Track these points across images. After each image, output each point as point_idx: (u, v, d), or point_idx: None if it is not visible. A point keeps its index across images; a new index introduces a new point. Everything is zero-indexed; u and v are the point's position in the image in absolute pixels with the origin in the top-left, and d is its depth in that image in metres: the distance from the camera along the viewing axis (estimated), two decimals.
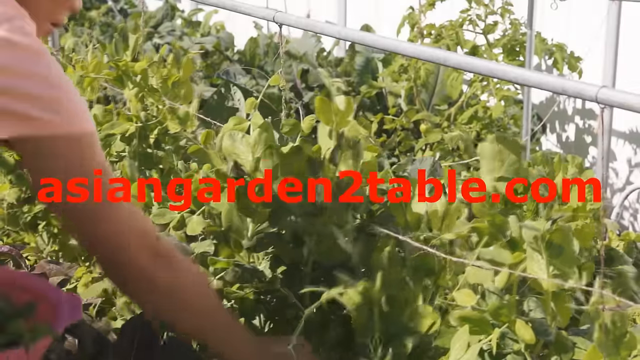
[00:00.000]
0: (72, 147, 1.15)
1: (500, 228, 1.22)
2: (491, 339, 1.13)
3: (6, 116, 1.09)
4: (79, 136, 1.15)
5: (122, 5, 6.41)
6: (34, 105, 1.10)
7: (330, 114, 1.47)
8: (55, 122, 1.12)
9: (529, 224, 1.15)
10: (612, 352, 1.05)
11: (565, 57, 3.71)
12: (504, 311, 1.14)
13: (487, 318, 1.15)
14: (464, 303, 1.16)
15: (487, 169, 1.32)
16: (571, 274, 1.11)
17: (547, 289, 1.14)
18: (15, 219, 2.07)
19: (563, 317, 1.17)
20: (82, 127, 1.16)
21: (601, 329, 1.05)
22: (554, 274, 1.12)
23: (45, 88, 1.11)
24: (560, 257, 1.12)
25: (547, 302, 1.16)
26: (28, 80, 1.10)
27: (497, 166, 1.31)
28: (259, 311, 1.50)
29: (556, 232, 1.12)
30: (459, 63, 1.77)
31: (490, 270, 1.20)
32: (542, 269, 1.13)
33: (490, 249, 1.21)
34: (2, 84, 1.08)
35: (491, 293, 1.16)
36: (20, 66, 1.09)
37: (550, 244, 1.12)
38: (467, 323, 1.15)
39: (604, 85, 1.32)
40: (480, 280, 1.20)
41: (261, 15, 2.75)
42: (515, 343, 1.16)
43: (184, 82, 1.96)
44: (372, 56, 4.47)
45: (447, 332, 1.20)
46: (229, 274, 1.46)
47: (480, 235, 1.25)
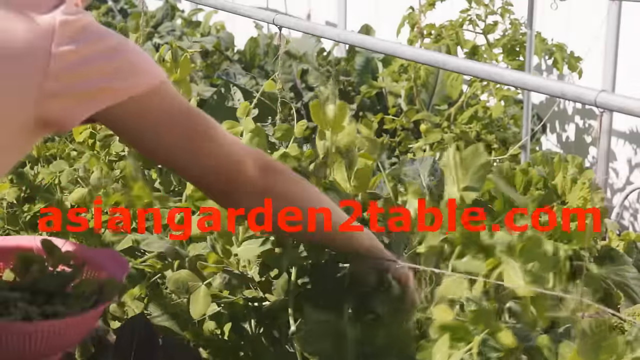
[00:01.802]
0: (157, 98, 1.18)
1: (471, 237, 1.21)
2: (472, 347, 1.12)
3: (91, 96, 1.11)
4: (159, 86, 1.18)
5: (122, 5, 6.41)
6: (114, 77, 1.12)
7: (324, 119, 1.47)
8: (136, 83, 1.14)
9: (500, 235, 1.14)
10: (593, 358, 1.05)
11: (565, 57, 3.70)
12: (484, 318, 1.13)
13: (467, 326, 1.14)
14: (441, 319, 1.15)
15: (451, 179, 1.31)
16: (547, 279, 1.11)
17: (525, 295, 1.13)
18: (15, 218, 2.07)
19: (543, 320, 1.16)
20: (158, 77, 1.18)
21: (581, 335, 1.04)
22: (530, 280, 1.11)
23: (118, 57, 1.12)
24: (535, 263, 1.11)
25: (527, 307, 1.15)
26: (101, 55, 1.11)
27: (462, 175, 1.30)
28: (249, 316, 1.50)
29: (527, 240, 1.12)
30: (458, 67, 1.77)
31: (465, 281, 1.18)
32: (518, 275, 1.12)
33: (463, 261, 1.20)
34: (82, 70, 1.09)
35: (470, 302, 1.15)
36: (89, 46, 1.10)
37: (523, 251, 1.12)
38: (447, 332, 1.14)
39: (603, 90, 1.32)
40: (456, 293, 1.19)
41: (261, 17, 2.75)
42: (495, 351, 1.15)
43: (182, 81, 1.96)
44: (372, 56, 4.47)
45: (427, 346, 1.18)
46: (217, 279, 1.46)
47: (453, 246, 1.24)
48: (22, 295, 1.35)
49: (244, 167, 1.25)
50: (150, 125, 1.19)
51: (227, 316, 1.49)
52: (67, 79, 1.09)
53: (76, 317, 1.32)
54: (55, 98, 1.09)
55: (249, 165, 1.25)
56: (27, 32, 1.07)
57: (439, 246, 1.27)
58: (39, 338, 1.28)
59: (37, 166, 2.13)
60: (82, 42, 1.09)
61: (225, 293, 1.48)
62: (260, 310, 1.47)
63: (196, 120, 1.23)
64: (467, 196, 1.29)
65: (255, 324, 1.49)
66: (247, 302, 1.47)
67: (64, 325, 1.31)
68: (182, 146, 1.22)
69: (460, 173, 1.29)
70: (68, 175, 1.92)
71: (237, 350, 1.47)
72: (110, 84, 1.12)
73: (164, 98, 1.19)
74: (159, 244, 1.58)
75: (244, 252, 1.44)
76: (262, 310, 1.46)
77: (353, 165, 1.46)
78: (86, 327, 1.38)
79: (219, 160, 1.24)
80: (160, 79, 1.18)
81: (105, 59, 1.11)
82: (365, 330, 1.25)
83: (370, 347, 1.23)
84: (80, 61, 1.09)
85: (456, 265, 1.21)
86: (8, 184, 2.06)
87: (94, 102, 1.12)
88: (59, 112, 1.11)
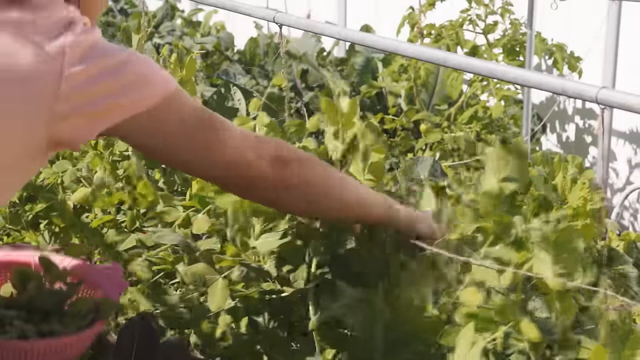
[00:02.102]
0: (169, 108, 1.18)
1: (505, 228, 1.23)
2: (495, 338, 1.14)
3: (100, 115, 1.12)
4: (170, 96, 1.18)
5: (122, 5, 6.42)
6: (122, 93, 1.12)
7: (336, 115, 1.48)
8: (146, 96, 1.15)
9: (536, 224, 1.15)
10: (617, 351, 1.06)
11: (565, 57, 3.71)
12: (510, 309, 1.14)
13: (492, 316, 1.15)
14: (469, 302, 1.17)
15: (491, 170, 1.33)
16: (576, 273, 1.12)
17: (553, 288, 1.14)
18: (17, 218, 2.07)
19: (568, 316, 1.17)
20: (168, 88, 1.18)
21: (606, 328, 1.05)
22: (559, 273, 1.12)
23: (125, 72, 1.13)
24: (566, 256, 1.12)
25: (552, 301, 1.17)
26: (108, 73, 1.11)
27: (502, 167, 1.31)
28: (263, 310, 1.50)
29: (562, 232, 1.13)
30: (459, 64, 1.77)
31: (494, 269, 1.20)
32: (548, 268, 1.13)
33: (496, 249, 1.22)
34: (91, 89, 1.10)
35: (496, 292, 1.17)
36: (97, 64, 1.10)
37: (557, 243, 1.13)
38: (472, 320, 1.16)
39: (604, 86, 1.33)
40: (485, 279, 1.20)
41: (261, 15, 2.76)
42: (519, 342, 1.16)
43: (187, 81, 1.96)
44: (372, 56, 4.47)
45: (452, 331, 1.20)
46: (235, 272, 1.47)
47: (486, 236, 1.26)
48: (19, 313, 1.35)
49: (259, 162, 1.26)
50: (164, 135, 1.20)
51: (243, 310, 1.49)
52: (77, 99, 1.09)
53: (72, 337, 1.33)
54: (66, 119, 1.09)
55: (264, 160, 1.26)
56: (34, 57, 1.07)
57: (471, 235, 1.29)
58: (34, 356, 1.28)
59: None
60: (90, 61, 1.09)
61: (239, 286, 1.49)
62: (276, 304, 1.48)
63: (209, 122, 1.24)
64: (506, 187, 1.30)
65: (269, 317, 1.50)
66: (263, 296, 1.48)
67: (60, 344, 1.31)
68: (196, 150, 1.23)
69: (501, 165, 1.31)
70: (71, 175, 1.92)
71: (254, 345, 1.48)
72: (118, 100, 1.12)
73: (176, 107, 1.20)
74: (172, 237, 1.59)
75: (263, 246, 1.45)
76: (279, 302, 1.47)
77: (367, 158, 1.47)
78: (82, 346, 1.38)
79: (233, 157, 1.25)
80: (170, 89, 1.18)
81: (112, 76, 1.11)
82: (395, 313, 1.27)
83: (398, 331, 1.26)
84: (88, 80, 1.09)
85: (488, 252, 1.22)
86: None
87: (104, 120, 1.13)
88: (70, 133, 1.11)
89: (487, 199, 1.30)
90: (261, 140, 1.33)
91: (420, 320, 1.27)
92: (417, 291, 1.29)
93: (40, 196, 2.02)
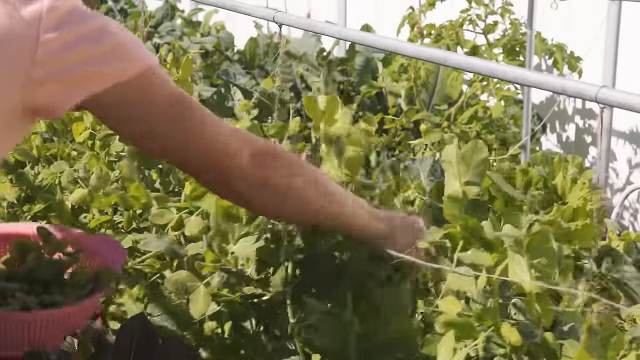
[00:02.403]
0: (144, 85, 1.15)
1: (473, 232, 1.21)
2: (477, 343, 1.12)
3: (76, 82, 1.10)
4: (147, 72, 1.15)
5: (122, 5, 6.42)
6: (100, 61, 1.10)
7: (318, 112, 1.48)
8: (123, 67, 1.12)
9: (507, 229, 1.14)
10: (600, 354, 1.05)
11: (565, 57, 3.70)
12: (489, 315, 1.13)
13: (472, 322, 1.14)
14: (449, 311, 1.15)
15: (452, 174, 1.31)
16: (553, 274, 1.11)
17: (531, 291, 1.13)
18: (16, 218, 2.07)
19: (547, 318, 1.16)
20: (146, 63, 1.15)
21: (588, 331, 1.04)
22: (536, 275, 1.11)
23: (104, 40, 1.11)
24: (542, 259, 1.11)
25: (531, 304, 1.15)
26: (86, 39, 1.09)
27: (463, 170, 1.30)
28: (249, 314, 1.49)
29: (536, 234, 1.12)
30: (459, 63, 1.77)
31: (471, 276, 1.19)
32: (524, 270, 1.12)
33: (468, 253, 1.20)
34: (67, 56, 1.08)
35: (474, 299, 1.15)
36: (74, 30, 1.08)
37: (531, 246, 1.11)
38: (452, 328, 1.14)
39: (604, 85, 1.32)
40: (462, 287, 1.19)
41: (261, 15, 2.76)
42: (500, 347, 1.15)
43: (183, 81, 1.96)
44: (372, 56, 4.47)
45: (432, 340, 1.18)
46: (215, 278, 1.45)
47: (454, 241, 1.24)
48: (20, 285, 1.36)
49: (237, 155, 1.23)
50: (145, 112, 1.17)
51: (227, 315, 1.49)
52: (53, 65, 1.07)
53: (75, 306, 1.34)
54: (42, 85, 1.08)
55: (243, 154, 1.23)
56: (8, 18, 1.05)
57: (440, 241, 1.28)
58: (37, 327, 1.29)
59: (37, 166, 2.13)
60: (67, 27, 1.08)
61: (224, 292, 1.48)
62: (259, 308, 1.47)
63: (189, 103, 1.21)
64: (469, 191, 1.29)
65: (255, 321, 1.49)
66: (246, 300, 1.47)
67: (63, 314, 1.32)
68: (176, 131, 1.20)
69: (462, 168, 1.30)
70: (68, 176, 1.92)
71: (238, 349, 1.47)
72: (96, 68, 1.10)
73: (158, 82, 1.18)
74: (157, 244, 1.58)
75: (240, 250, 1.44)
76: (261, 306, 1.46)
77: (342, 153, 1.46)
78: (84, 315, 1.39)
79: (210, 149, 1.22)
80: (152, 62, 1.16)
81: (90, 43, 1.09)
82: (367, 323, 1.25)
83: (372, 341, 1.24)
84: (64, 47, 1.07)
85: (461, 258, 1.21)
86: (9, 184, 2.06)
87: (81, 87, 1.11)
88: (46, 99, 1.10)
89: (451, 203, 1.28)
90: (249, 135, 1.30)
91: (397, 328, 1.25)
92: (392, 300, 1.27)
93: (38, 196, 2.02)
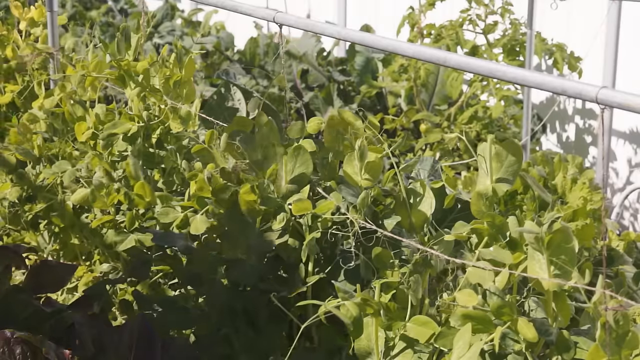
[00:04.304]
0: None
1: (499, 229, 1.22)
2: (492, 339, 1.14)
3: None
4: None
5: (122, 5, 6.42)
6: None
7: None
8: None
9: (529, 226, 1.15)
10: (614, 351, 1.06)
11: (565, 57, 3.71)
12: (506, 310, 1.14)
13: (489, 316, 1.15)
14: (466, 303, 1.17)
15: (485, 170, 1.32)
16: (572, 273, 1.11)
17: (548, 289, 1.14)
18: (17, 218, 2.06)
19: (564, 316, 1.17)
20: None
21: (603, 328, 1.05)
22: (555, 273, 1.12)
23: None
24: (561, 257, 1.12)
25: (548, 301, 1.17)
26: None
27: (495, 167, 1.30)
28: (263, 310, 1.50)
29: (556, 232, 1.12)
30: (459, 63, 1.76)
31: (490, 271, 1.20)
32: (543, 268, 1.13)
33: (490, 249, 1.21)
34: None
35: (492, 293, 1.17)
36: None
37: (551, 244, 1.12)
38: (469, 321, 1.15)
39: (604, 86, 1.32)
40: (480, 281, 1.20)
41: (261, 15, 2.75)
42: (516, 343, 1.16)
43: (186, 81, 1.96)
44: (372, 56, 4.47)
45: (447, 333, 1.20)
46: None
47: (480, 237, 1.25)
48: None
49: None
50: None
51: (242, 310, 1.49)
52: None
53: None
54: None
55: None
56: None
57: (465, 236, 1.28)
58: None
59: (38, 166, 2.13)
60: None
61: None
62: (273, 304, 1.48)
63: None
64: (500, 188, 1.29)
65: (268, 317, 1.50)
66: (261, 295, 1.48)
67: None
68: None
69: (495, 165, 1.30)
70: (70, 176, 1.92)
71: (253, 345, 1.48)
72: None
73: None
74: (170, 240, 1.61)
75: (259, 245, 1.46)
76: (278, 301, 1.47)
77: (363, 158, 1.46)
78: None
79: None
80: None
81: None
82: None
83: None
84: None
85: (482, 254, 1.22)
86: (9, 184, 2.06)
87: None
88: None
89: (480, 199, 1.29)
90: None
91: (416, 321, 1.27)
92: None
93: (39, 196, 2.01)
